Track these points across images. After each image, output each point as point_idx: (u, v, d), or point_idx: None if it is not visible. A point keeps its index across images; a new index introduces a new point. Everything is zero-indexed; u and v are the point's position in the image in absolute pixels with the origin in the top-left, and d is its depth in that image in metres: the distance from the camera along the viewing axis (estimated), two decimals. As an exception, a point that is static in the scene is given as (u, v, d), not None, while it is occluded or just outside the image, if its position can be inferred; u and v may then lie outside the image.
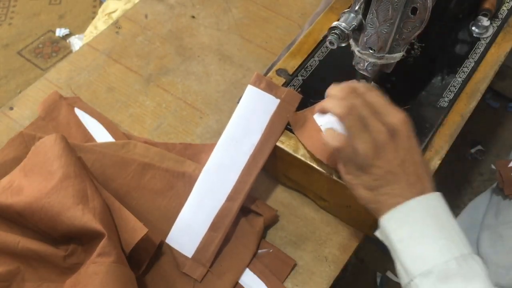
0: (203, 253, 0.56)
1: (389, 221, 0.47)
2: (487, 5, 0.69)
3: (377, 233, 0.49)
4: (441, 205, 0.47)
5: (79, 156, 0.56)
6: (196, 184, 0.59)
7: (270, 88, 0.60)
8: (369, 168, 0.47)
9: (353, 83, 0.50)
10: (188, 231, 0.57)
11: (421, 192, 0.46)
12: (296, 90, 0.63)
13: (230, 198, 0.58)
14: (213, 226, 0.57)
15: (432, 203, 0.47)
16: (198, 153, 0.66)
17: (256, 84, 0.60)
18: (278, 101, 0.60)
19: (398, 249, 0.46)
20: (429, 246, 0.45)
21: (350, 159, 0.48)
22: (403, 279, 0.46)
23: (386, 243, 0.48)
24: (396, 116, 0.47)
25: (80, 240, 0.52)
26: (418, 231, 0.46)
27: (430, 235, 0.45)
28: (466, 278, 0.43)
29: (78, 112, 0.69)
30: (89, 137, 0.67)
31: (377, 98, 0.48)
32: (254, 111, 0.59)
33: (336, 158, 0.51)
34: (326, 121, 0.56)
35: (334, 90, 0.50)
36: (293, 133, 0.59)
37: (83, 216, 0.50)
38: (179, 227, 0.58)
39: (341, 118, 0.47)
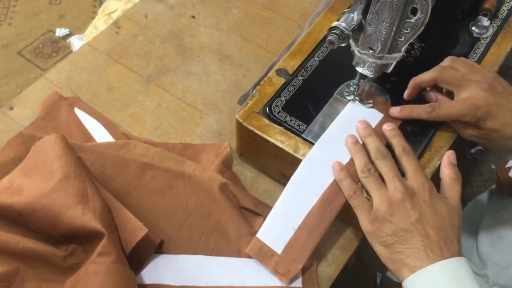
0: (292, 253, 0.55)
1: (411, 284, 0.47)
2: (487, 5, 0.69)
3: None
4: (466, 271, 0.46)
5: (79, 156, 0.56)
6: (287, 187, 0.56)
7: (374, 102, 0.60)
8: (383, 223, 0.49)
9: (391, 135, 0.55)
10: (277, 229, 0.56)
11: (443, 256, 0.46)
12: (296, 90, 0.63)
13: (319, 205, 0.55)
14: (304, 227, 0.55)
15: (456, 268, 0.46)
16: (198, 153, 0.66)
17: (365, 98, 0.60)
18: (381, 115, 0.59)
19: None
20: None
21: (365, 210, 0.51)
22: None
23: None
24: (417, 180, 0.50)
25: (80, 240, 0.52)
26: None
27: None
28: None
29: (78, 112, 0.69)
30: (89, 137, 0.67)
31: (407, 162, 0.52)
32: (353, 123, 0.58)
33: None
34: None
35: (370, 145, 0.54)
36: (293, 134, 0.59)
37: (83, 216, 0.50)
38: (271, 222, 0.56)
39: (361, 176, 0.53)
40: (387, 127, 0.56)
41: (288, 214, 0.55)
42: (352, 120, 0.58)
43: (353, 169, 0.55)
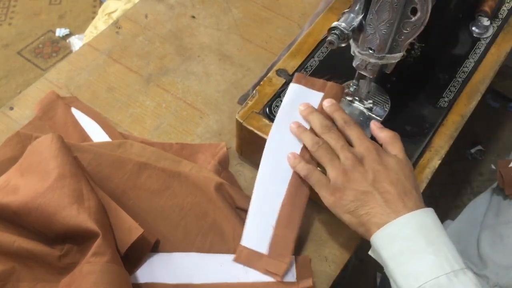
0: (277, 250, 0.55)
1: (379, 239, 0.48)
2: (485, 7, 0.69)
3: (370, 252, 0.50)
4: (432, 221, 0.47)
5: (75, 156, 0.56)
6: (255, 188, 0.57)
7: (312, 84, 0.60)
8: (343, 192, 0.50)
9: (336, 113, 0.56)
10: (258, 231, 0.56)
11: (409, 209, 0.47)
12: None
13: (288, 195, 0.56)
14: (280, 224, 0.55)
15: (422, 219, 0.47)
16: (194, 153, 0.66)
17: (298, 82, 0.60)
18: (321, 94, 0.59)
19: (390, 266, 0.47)
20: (419, 262, 0.45)
21: (323, 184, 0.52)
22: None
23: (380, 261, 0.49)
24: (362, 145, 0.52)
25: (75, 240, 0.52)
26: (408, 248, 0.46)
27: (420, 251, 0.45)
28: None
29: (75, 111, 0.69)
30: (85, 137, 0.67)
31: (350, 131, 0.54)
32: (297, 108, 0.58)
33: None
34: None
35: (313, 122, 0.55)
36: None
37: (78, 216, 0.49)
38: (250, 229, 0.57)
39: (312, 152, 0.54)
40: (326, 103, 0.57)
41: (263, 214, 0.56)
42: (295, 105, 0.58)
43: (308, 153, 0.56)
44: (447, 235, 0.47)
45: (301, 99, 0.59)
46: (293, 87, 0.59)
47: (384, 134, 0.54)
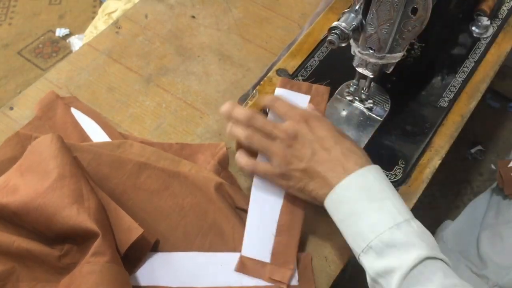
0: (280, 257, 0.55)
1: (328, 205, 0.49)
2: (483, 7, 0.69)
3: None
4: (374, 178, 0.48)
5: (75, 156, 0.56)
6: (251, 198, 0.57)
7: (298, 87, 0.59)
8: (288, 175, 0.51)
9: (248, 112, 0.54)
10: (258, 240, 0.56)
11: (349, 171, 0.48)
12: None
13: (286, 201, 0.56)
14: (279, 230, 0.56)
15: (363, 179, 0.48)
16: (194, 153, 0.66)
17: (283, 87, 0.59)
18: (308, 97, 0.58)
19: (341, 229, 0.49)
20: (364, 222, 0.46)
21: (272, 173, 0.53)
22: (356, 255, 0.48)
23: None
24: (291, 119, 0.52)
25: (75, 240, 0.52)
26: (353, 210, 0.47)
27: (364, 211, 0.46)
28: (402, 247, 0.43)
29: (75, 111, 0.69)
30: (85, 137, 0.67)
31: (277, 108, 0.54)
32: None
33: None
34: None
35: (239, 116, 0.54)
36: None
37: (78, 216, 0.49)
38: (250, 238, 0.56)
39: (249, 144, 0.54)
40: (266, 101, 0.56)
41: (262, 223, 0.56)
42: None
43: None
44: (392, 189, 0.48)
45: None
46: (278, 91, 0.59)
47: (279, 102, 0.54)
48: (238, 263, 0.55)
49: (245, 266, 0.55)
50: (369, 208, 0.46)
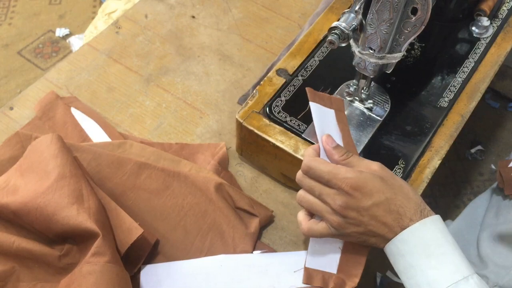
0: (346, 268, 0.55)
1: (388, 255, 0.49)
2: (483, 7, 0.69)
3: None
4: (432, 231, 0.47)
5: (75, 156, 0.56)
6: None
7: (321, 98, 0.57)
8: (347, 236, 0.50)
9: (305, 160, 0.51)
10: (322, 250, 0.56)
11: (403, 228, 0.47)
12: (296, 90, 0.63)
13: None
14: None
15: (419, 233, 0.47)
16: (194, 153, 0.66)
17: (314, 100, 0.56)
18: (333, 111, 0.57)
19: (402, 279, 0.48)
20: (422, 278, 0.46)
21: (328, 234, 0.51)
22: None
23: None
24: (344, 182, 0.48)
25: (75, 240, 0.52)
26: (411, 264, 0.47)
27: (421, 267, 0.46)
28: None
29: (75, 111, 0.69)
30: (85, 137, 0.67)
31: (319, 171, 0.49)
32: (326, 126, 0.56)
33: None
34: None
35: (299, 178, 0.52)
36: (294, 134, 0.59)
37: (78, 216, 0.50)
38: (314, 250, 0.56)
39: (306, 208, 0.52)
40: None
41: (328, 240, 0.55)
42: (325, 124, 0.56)
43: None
44: (450, 242, 0.47)
45: (323, 118, 0.56)
46: (313, 106, 0.56)
47: (337, 157, 0.51)
48: (304, 274, 0.55)
49: (310, 276, 0.55)
50: (426, 265, 0.46)
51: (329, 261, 0.55)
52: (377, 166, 0.50)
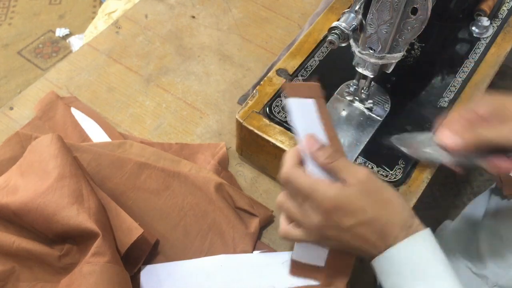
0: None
1: (375, 270, 0.47)
2: (484, 7, 0.69)
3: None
4: (419, 250, 0.45)
5: (75, 156, 0.56)
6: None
7: (298, 91, 0.53)
8: (328, 245, 0.50)
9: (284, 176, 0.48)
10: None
11: (387, 246, 0.44)
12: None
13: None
14: None
15: (406, 252, 0.45)
16: (194, 153, 0.66)
17: (292, 94, 0.53)
18: (312, 100, 0.53)
19: None
20: None
21: (304, 240, 0.49)
22: None
23: None
24: (323, 201, 0.44)
25: (75, 240, 0.52)
26: (398, 284, 0.45)
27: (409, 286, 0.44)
28: None
29: (75, 111, 0.69)
30: (85, 137, 0.67)
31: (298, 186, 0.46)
32: (305, 118, 0.52)
33: None
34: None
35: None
36: (294, 134, 0.59)
37: (78, 216, 0.50)
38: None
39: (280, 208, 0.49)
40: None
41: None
42: (305, 117, 0.52)
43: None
44: (439, 261, 0.44)
45: (304, 113, 0.52)
46: (291, 102, 0.52)
47: (321, 160, 0.46)
48: (289, 266, 0.54)
49: (298, 268, 0.54)
50: (413, 285, 0.44)
51: (316, 255, 0.54)
52: (364, 175, 0.45)
